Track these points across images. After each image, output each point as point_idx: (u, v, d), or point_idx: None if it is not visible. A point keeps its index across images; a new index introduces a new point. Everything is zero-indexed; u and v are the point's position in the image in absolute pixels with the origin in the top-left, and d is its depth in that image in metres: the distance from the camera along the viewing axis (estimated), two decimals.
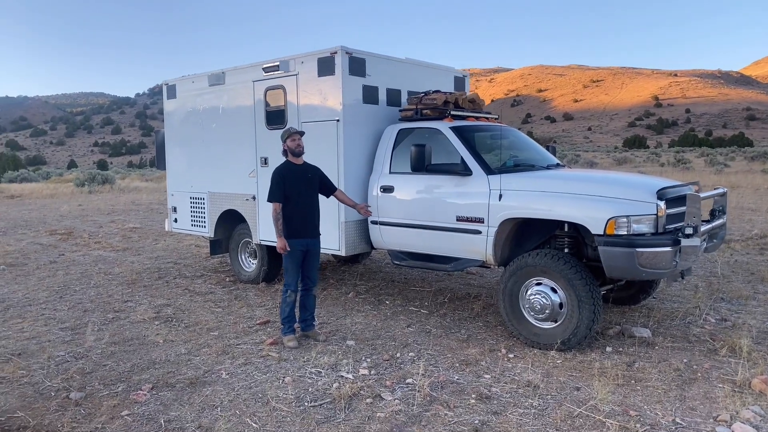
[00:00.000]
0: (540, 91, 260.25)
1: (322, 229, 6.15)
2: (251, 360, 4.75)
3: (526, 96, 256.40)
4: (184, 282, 7.82)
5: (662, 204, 4.52)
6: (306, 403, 3.90)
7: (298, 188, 5.08)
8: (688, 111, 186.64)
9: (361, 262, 8.75)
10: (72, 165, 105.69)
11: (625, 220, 4.49)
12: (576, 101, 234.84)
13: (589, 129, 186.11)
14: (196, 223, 8.04)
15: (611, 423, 3.52)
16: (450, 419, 3.65)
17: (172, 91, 8.22)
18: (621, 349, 4.84)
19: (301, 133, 5.20)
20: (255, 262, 7.52)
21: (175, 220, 8.42)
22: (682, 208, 4.69)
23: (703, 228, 4.82)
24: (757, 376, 4.06)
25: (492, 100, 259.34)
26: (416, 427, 3.55)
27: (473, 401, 3.92)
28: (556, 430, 3.50)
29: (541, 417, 3.67)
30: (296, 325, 5.33)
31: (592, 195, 4.72)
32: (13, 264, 9.42)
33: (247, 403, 3.92)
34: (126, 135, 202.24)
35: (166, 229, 8.77)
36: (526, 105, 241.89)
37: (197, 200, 7.93)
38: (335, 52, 5.99)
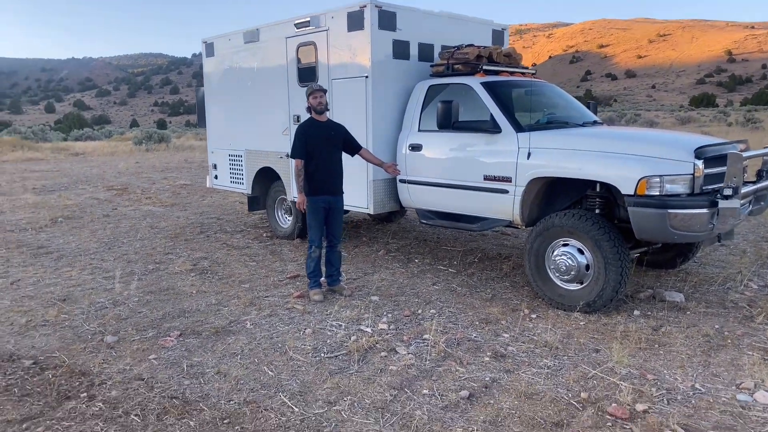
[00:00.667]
0: (601, 46, 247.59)
1: (350, 187, 6.18)
2: (276, 312, 4.91)
3: (586, 52, 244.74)
4: (223, 236, 8.08)
5: (700, 163, 4.27)
6: (322, 354, 4.01)
7: (320, 145, 5.09)
8: (764, 66, 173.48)
9: (395, 221, 8.76)
10: (134, 124, 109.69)
11: (657, 179, 4.27)
12: (640, 57, 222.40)
13: (653, 87, 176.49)
14: (234, 180, 8.23)
15: (625, 386, 3.45)
16: (461, 375, 3.68)
17: (210, 49, 8.31)
18: (650, 313, 4.70)
19: (324, 90, 5.17)
20: (290, 218, 7.66)
21: (216, 177, 8.65)
22: (724, 168, 4.41)
23: (746, 189, 4.54)
24: None
25: (550, 57, 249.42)
26: (426, 381, 3.60)
27: (487, 359, 3.93)
28: (567, 390, 3.46)
29: (554, 377, 3.64)
30: (322, 280, 5.44)
31: (625, 153, 4.50)
32: (70, 217, 9.97)
33: (266, 352, 4.07)
34: (183, 95, 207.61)
35: (207, 185, 9.03)
36: (586, 61, 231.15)
37: (235, 157, 8.09)
38: (364, 6, 5.87)
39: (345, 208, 6.62)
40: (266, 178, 7.70)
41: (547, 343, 4.13)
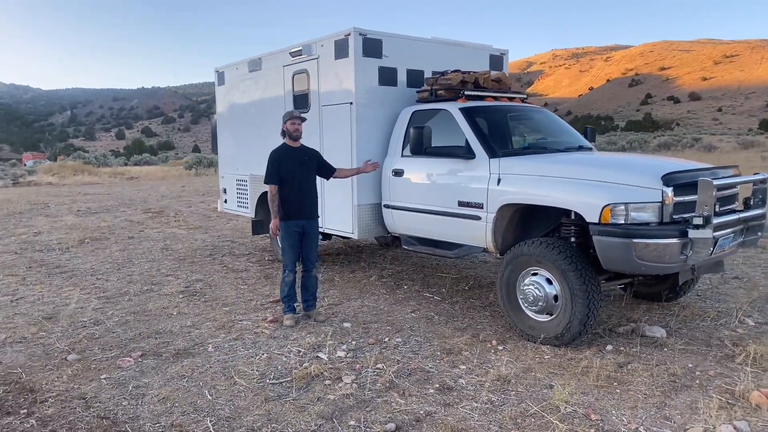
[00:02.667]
0: (662, 69, 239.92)
1: (335, 212, 6.21)
2: (243, 336, 4.94)
3: (646, 75, 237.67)
4: (228, 260, 8.25)
5: (669, 190, 4.05)
6: (267, 380, 3.99)
7: (293, 170, 5.16)
8: None
9: (398, 247, 8.69)
10: (195, 149, 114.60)
11: (622, 207, 4.07)
12: (705, 79, 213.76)
13: (720, 110, 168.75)
14: (241, 204, 8.44)
15: (561, 426, 3.25)
16: (397, 407, 3.57)
17: (221, 78, 8.63)
18: (623, 348, 4.43)
19: (303, 119, 5.26)
20: None
21: (225, 201, 8.89)
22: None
23: (727, 219, 4.25)
24: (760, 388, 3.54)
25: (608, 80, 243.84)
26: (358, 412, 3.51)
27: (432, 391, 3.80)
28: (500, 427, 3.30)
29: (493, 413, 3.47)
30: (297, 304, 5.45)
31: (591, 180, 4.33)
32: (97, 238, 10.46)
33: (214, 375, 4.09)
34: None
35: (219, 209, 9.29)
36: (646, 84, 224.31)
37: (242, 182, 8.30)
38: (349, 34, 5.96)
39: (330, 233, 6.68)
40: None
41: (500, 377, 3.96)
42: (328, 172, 5.44)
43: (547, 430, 3.23)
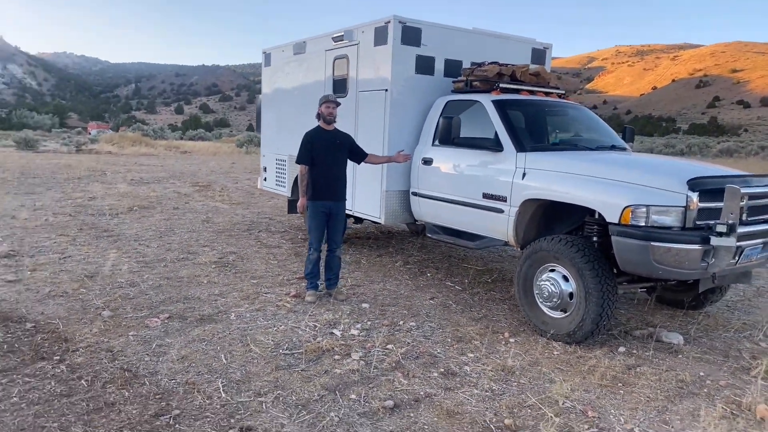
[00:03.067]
0: (734, 71, 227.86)
1: (364, 196, 6.35)
2: (265, 307, 5.16)
3: (715, 76, 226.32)
4: (264, 235, 8.54)
5: (694, 195, 3.97)
6: (280, 350, 4.19)
7: (325, 153, 5.31)
8: None
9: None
10: (249, 128, 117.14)
11: (643, 209, 4.03)
12: None
13: None
14: (279, 183, 8.69)
15: (556, 419, 3.30)
16: (399, 387, 3.70)
17: (267, 59, 8.87)
18: (635, 351, 4.40)
19: (338, 104, 5.39)
20: None
21: (265, 180, 9.17)
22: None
23: (750, 228, 4.14)
24: (767, 402, 3.48)
25: (673, 80, 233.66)
26: (361, 388, 3.66)
27: (436, 375, 3.90)
28: (495, 414, 3.37)
29: (491, 400, 3.55)
30: (321, 282, 5.63)
31: (614, 180, 4.29)
32: (145, 207, 10.98)
33: (232, 342, 4.32)
34: None
35: (258, 187, 9.58)
36: (715, 86, 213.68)
37: (281, 162, 8.55)
38: (389, 22, 6.04)
39: (359, 216, 6.83)
40: None
41: (505, 368, 4.02)
42: (359, 156, 5.56)
43: (541, 421, 3.29)
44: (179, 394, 3.46)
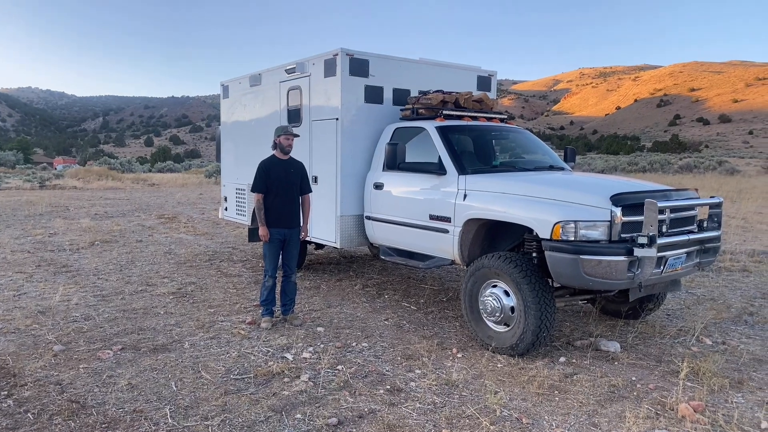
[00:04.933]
0: (692, 90, 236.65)
1: (320, 221, 6.50)
2: (219, 335, 5.24)
3: (675, 95, 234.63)
4: (225, 265, 8.60)
5: (618, 210, 4.25)
6: (231, 376, 4.28)
7: (279, 181, 5.47)
8: None
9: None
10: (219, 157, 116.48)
11: (572, 225, 4.28)
12: (735, 101, 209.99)
13: (751, 133, 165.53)
14: (240, 212, 8.80)
15: (491, 428, 3.46)
16: (345, 405, 3.82)
17: (226, 91, 9.06)
18: (575, 360, 4.61)
19: (296, 136, 5.59)
20: None
21: (226, 209, 9.26)
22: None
23: (675, 240, 4.43)
24: (689, 401, 3.70)
25: (635, 100, 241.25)
26: (308, 407, 3.77)
27: (382, 392, 4.04)
28: (434, 425, 3.52)
29: (432, 413, 3.70)
30: (276, 308, 5.73)
31: (546, 198, 4.55)
32: (108, 241, 10.93)
33: (183, 370, 4.39)
34: None
35: (219, 216, 9.66)
36: (675, 105, 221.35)
37: (240, 191, 8.67)
38: (336, 54, 6.30)
39: (315, 242, 6.98)
40: None
41: (449, 382, 4.18)
42: (302, 190, 5.66)
43: (476, 430, 3.44)
44: (126, 422, 3.53)
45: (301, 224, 5.68)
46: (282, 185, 5.51)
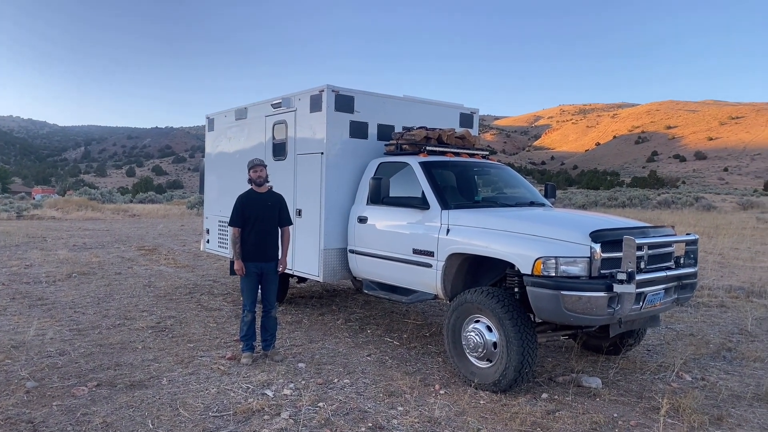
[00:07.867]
0: (669, 128, 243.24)
1: (303, 255, 6.48)
2: (199, 371, 5.14)
3: (652, 133, 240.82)
4: (205, 298, 8.49)
5: (597, 246, 4.32)
6: (210, 413, 4.19)
7: (256, 215, 5.47)
8: None
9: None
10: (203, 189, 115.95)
11: (553, 261, 4.34)
12: (710, 139, 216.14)
13: (726, 170, 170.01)
14: (222, 245, 8.74)
15: None
16: None
17: (211, 124, 9.11)
18: (557, 397, 4.60)
19: (264, 165, 5.61)
20: None
21: (208, 241, 9.20)
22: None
23: (652, 276, 4.50)
24: None
25: (614, 136, 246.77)
26: None
27: (364, 429, 3.98)
28: None
29: None
30: (257, 343, 5.66)
31: (527, 234, 4.62)
32: (86, 273, 10.74)
33: (161, 407, 4.29)
34: None
35: (201, 249, 9.59)
36: (653, 142, 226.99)
37: (223, 223, 8.63)
38: (322, 90, 6.40)
39: (298, 275, 6.94)
40: None
41: (432, 419, 4.14)
42: (281, 223, 5.65)
43: None
44: None
45: (280, 257, 5.65)
46: (259, 219, 5.50)
